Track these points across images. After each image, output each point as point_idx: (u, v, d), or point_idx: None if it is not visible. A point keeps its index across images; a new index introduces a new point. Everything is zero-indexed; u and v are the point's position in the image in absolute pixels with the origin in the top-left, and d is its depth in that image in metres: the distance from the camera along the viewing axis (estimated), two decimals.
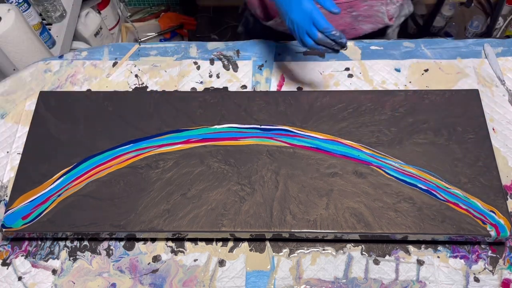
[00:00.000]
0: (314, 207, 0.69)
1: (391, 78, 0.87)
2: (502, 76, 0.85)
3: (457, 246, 0.70)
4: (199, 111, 0.79)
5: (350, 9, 0.87)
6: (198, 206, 0.70)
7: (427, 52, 0.89)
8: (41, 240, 0.73)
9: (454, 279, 0.67)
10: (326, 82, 0.87)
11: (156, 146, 0.76)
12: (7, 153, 0.82)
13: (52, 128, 0.79)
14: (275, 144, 0.75)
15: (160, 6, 2.15)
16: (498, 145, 0.78)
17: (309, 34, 0.68)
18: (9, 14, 1.17)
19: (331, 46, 0.69)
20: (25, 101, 0.88)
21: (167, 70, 0.91)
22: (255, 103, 0.80)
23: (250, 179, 0.72)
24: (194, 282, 0.69)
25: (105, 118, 0.79)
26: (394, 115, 0.77)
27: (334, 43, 0.69)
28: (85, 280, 0.70)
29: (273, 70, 0.89)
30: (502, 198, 0.68)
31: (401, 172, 0.71)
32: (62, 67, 0.92)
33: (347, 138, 0.75)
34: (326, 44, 0.69)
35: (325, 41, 0.68)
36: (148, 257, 0.71)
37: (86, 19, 1.70)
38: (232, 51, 0.92)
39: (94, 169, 0.74)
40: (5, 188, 0.78)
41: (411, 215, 0.68)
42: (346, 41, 0.69)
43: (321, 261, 0.70)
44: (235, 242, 0.72)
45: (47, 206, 0.71)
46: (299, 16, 0.68)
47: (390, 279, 0.68)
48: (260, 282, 0.68)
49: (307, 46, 0.70)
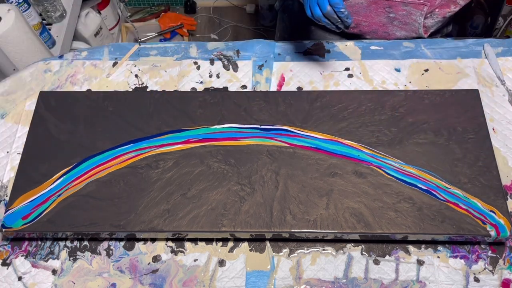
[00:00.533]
0: (314, 207, 0.69)
1: (391, 78, 0.87)
2: (502, 76, 0.85)
3: (457, 246, 0.70)
4: (199, 111, 0.79)
5: (388, 8, 0.87)
6: (198, 206, 0.70)
7: (427, 52, 0.89)
8: (41, 240, 0.73)
9: (454, 279, 0.67)
10: (326, 82, 0.87)
11: (156, 146, 0.76)
12: (7, 153, 0.82)
13: (52, 128, 0.79)
14: (275, 144, 0.75)
15: (160, 6, 2.15)
16: (498, 145, 0.78)
17: (319, 4, 0.70)
18: (9, 14, 1.17)
19: (336, 22, 0.71)
20: (25, 101, 0.88)
21: (167, 70, 0.91)
22: (255, 103, 0.80)
23: (250, 179, 0.72)
24: (194, 282, 0.69)
25: (105, 118, 0.79)
26: (394, 115, 0.77)
27: (340, 21, 0.70)
28: (85, 280, 0.70)
29: (273, 70, 0.89)
30: (502, 198, 0.68)
31: (401, 172, 0.71)
32: (62, 67, 0.92)
33: (347, 138, 0.75)
34: (332, 19, 0.70)
35: (332, 16, 0.70)
36: (148, 257, 0.71)
37: (86, 19, 1.70)
38: (232, 51, 0.92)
39: (94, 169, 0.74)
40: (5, 188, 0.78)
41: (411, 215, 0.68)
42: (351, 22, 0.71)
43: (321, 261, 0.70)
44: (235, 242, 0.72)
45: (47, 206, 0.71)
46: None
47: (390, 279, 0.68)
48: (260, 282, 0.68)
49: (315, 16, 0.71)
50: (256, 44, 0.93)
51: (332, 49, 0.91)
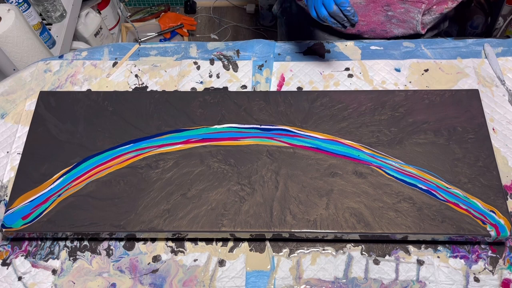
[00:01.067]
0: (314, 207, 0.69)
1: (391, 78, 0.87)
2: (502, 76, 0.85)
3: (457, 246, 0.70)
4: (199, 111, 0.79)
5: (386, 7, 0.87)
6: (198, 206, 0.70)
7: (427, 52, 0.89)
8: (41, 240, 0.73)
9: (454, 279, 0.67)
10: (326, 82, 0.87)
11: (156, 146, 0.76)
12: (7, 153, 0.82)
13: (52, 128, 0.79)
14: (275, 144, 0.75)
15: (160, 6, 2.15)
16: (498, 145, 0.78)
17: (324, 4, 0.69)
18: (9, 14, 1.17)
19: (342, 21, 0.71)
20: (25, 101, 0.88)
21: (167, 70, 0.91)
22: (255, 103, 0.80)
23: (250, 179, 0.72)
24: (194, 282, 0.69)
25: (105, 118, 0.79)
26: (394, 115, 0.77)
27: (346, 19, 0.70)
28: (85, 280, 0.70)
29: (273, 70, 0.89)
30: (502, 198, 0.68)
31: (401, 172, 0.71)
32: (62, 67, 0.92)
33: (347, 138, 0.75)
34: (338, 18, 0.70)
35: (339, 15, 0.69)
36: (148, 257, 0.71)
37: (86, 19, 1.70)
38: (232, 51, 0.92)
39: (94, 169, 0.74)
40: (5, 188, 0.78)
41: (411, 215, 0.68)
42: (357, 20, 0.71)
43: (321, 261, 0.70)
44: (235, 242, 0.72)
45: (47, 206, 0.71)
46: None
47: (390, 279, 0.68)
48: (260, 282, 0.68)
49: (321, 16, 0.71)
50: (256, 44, 0.93)
51: (332, 49, 0.91)
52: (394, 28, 0.92)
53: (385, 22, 0.91)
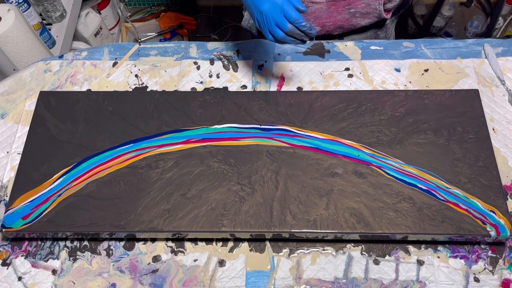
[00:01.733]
0: (314, 207, 0.69)
1: (391, 78, 0.87)
2: (502, 76, 0.85)
3: (457, 246, 0.70)
4: (199, 111, 0.79)
5: (347, 6, 0.88)
6: (198, 206, 0.70)
7: (427, 52, 0.89)
8: (41, 240, 0.73)
9: (454, 279, 0.67)
10: (326, 82, 0.87)
11: (156, 146, 0.76)
12: (7, 153, 0.82)
13: (52, 128, 0.79)
14: (275, 144, 0.75)
15: (160, 6, 2.15)
16: (498, 145, 0.78)
17: (279, 25, 0.67)
18: (9, 14, 1.17)
19: (301, 37, 0.69)
20: (25, 101, 0.88)
21: (167, 70, 0.91)
22: (255, 103, 0.80)
23: (250, 179, 0.72)
24: (194, 282, 0.69)
25: (105, 118, 0.79)
26: (394, 115, 0.77)
27: (304, 35, 0.68)
28: (85, 280, 0.70)
29: (273, 70, 0.89)
30: (502, 198, 0.68)
31: (401, 172, 0.71)
32: (62, 67, 0.92)
33: (347, 138, 0.75)
34: (296, 36, 0.68)
35: (295, 32, 0.68)
36: (148, 257, 0.71)
37: (86, 19, 1.70)
38: (232, 51, 0.92)
39: (94, 169, 0.74)
40: (5, 188, 0.78)
41: (411, 215, 0.68)
42: (315, 33, 0.69)
43: (321, 261, 0.70)
44: (235, 242, 0.72)
45: (47, 206, 0.71)
46: (269, 7, 0.67)
47: (390, 279, 0.68)
48: (260, 282, 0.68)
49: (278, 38, 0.69)
50: (256, 44, 0.93)
51: (332, 49, 0.91)
52: (361, 21, 0.93)
53: (350, 18, 0.91)
